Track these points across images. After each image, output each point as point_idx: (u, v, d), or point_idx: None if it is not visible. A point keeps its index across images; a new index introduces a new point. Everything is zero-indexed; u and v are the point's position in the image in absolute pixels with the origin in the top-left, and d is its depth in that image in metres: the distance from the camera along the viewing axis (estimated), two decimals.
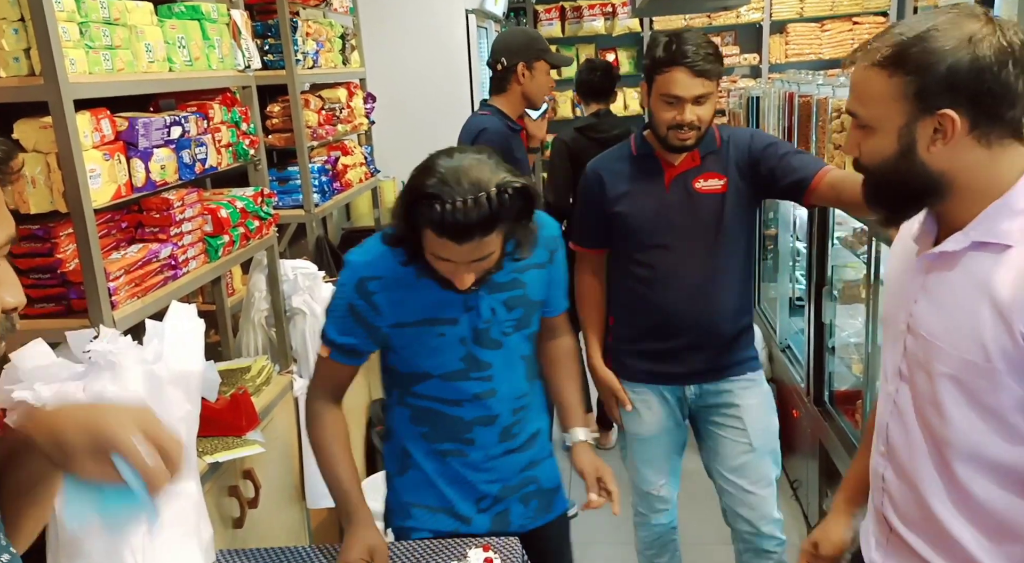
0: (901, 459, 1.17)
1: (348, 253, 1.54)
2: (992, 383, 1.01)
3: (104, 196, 1.57)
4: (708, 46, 1.88)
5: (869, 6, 5.68)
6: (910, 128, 1.02)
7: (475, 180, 1.29)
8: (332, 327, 1.53)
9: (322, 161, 2.86)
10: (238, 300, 2.62)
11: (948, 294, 1.07)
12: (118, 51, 1.63)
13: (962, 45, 0.98)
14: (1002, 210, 1.02)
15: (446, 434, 1.58)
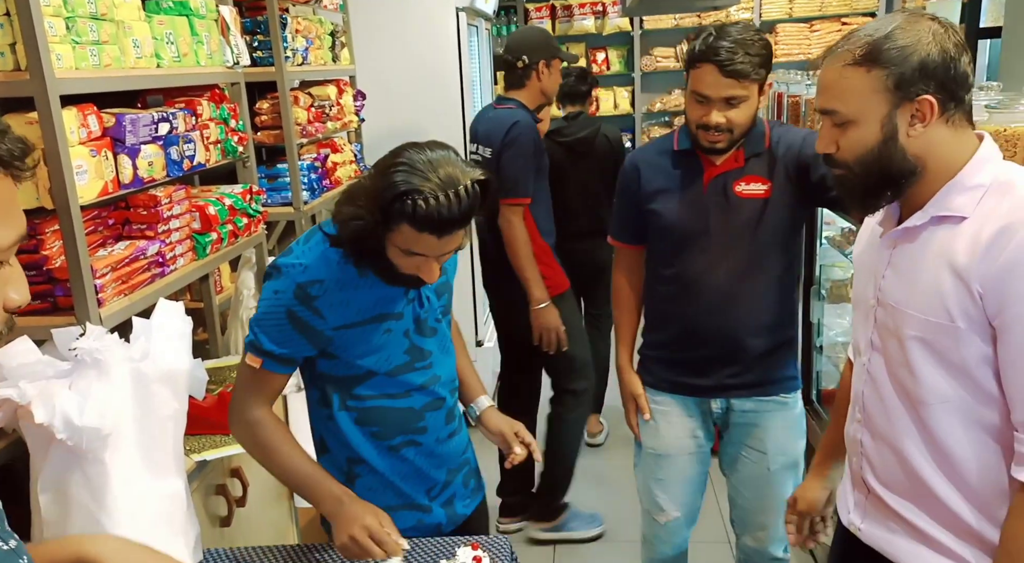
0: (878, 424, 1.28)
1: (278, 259, 1.47)
2: (956, 341, 1.14)
3: (91, 193, 1.56)
4: (752, 44, 1.73)
5: (857, 7, 5.71)
6: (891, 116, 1.15)
7: (450, 174, 1.30)
8: (265, 337, 1.44)
9: (311, 158, 2.85)
10: (226, 298, 2.61)
11: (912, 265, 1.19)
12: (105, 46, 1.62)
13: (928, 39, 1.13)
14: (955, 187, 1.15)
15: (398, 427, 1.55)
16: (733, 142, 1.80)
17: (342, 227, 1.39)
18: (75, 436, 1.34)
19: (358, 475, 1.56)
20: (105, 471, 1.39)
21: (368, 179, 1.39)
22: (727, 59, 1.70)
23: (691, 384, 1.97)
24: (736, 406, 1.97)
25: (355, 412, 1.53)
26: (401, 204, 1.29)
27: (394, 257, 1.39)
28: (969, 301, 1.11)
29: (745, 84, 1.73)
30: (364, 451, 1.55)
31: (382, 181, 1.32)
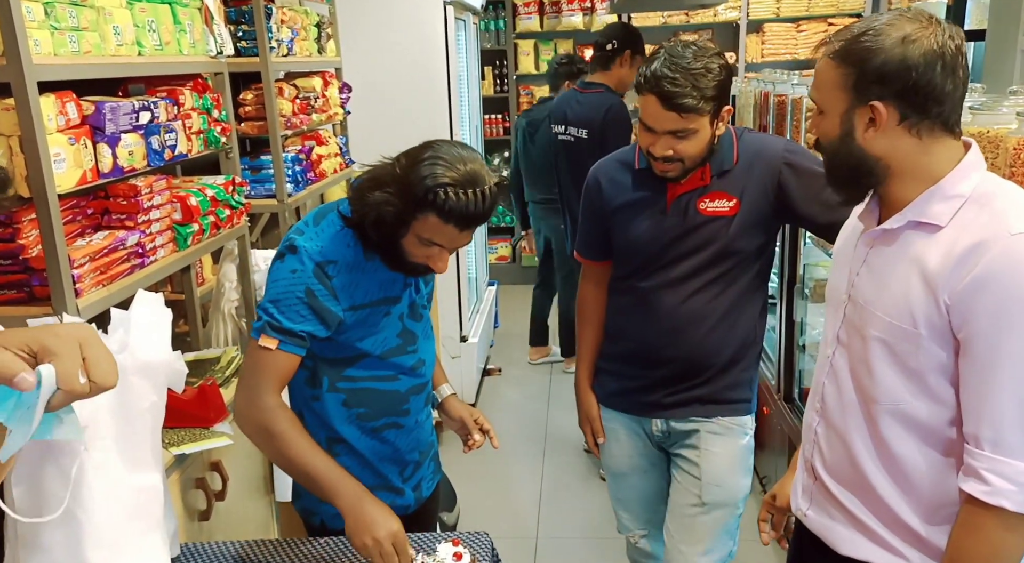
0: (833, 415, 1.30)
1: (295, 240, 1.48)
2: (916, 347, 1.15)
3: (69, 181, 1.54)
4: (702, 75, 1.60)
5: (844, 7, 5.74)
6: (849, 115, 1.16)
7: (478, 172, 1.39)
8: (283, 316, 1.45)
9: (296, 151, 2.82)
10: (208, 290, 2.58)
11: (885, 266, 1.21)
12: (85, 33, 1.59)
13: (895, 44, 1.10)
14: (935, 195, 1.15)
15: (383, 410, 1.58)
16: (687, 170, 1.71)
17: (366, 210, 1.43)
18: None
19: (337, 454, 1.57)
20: (81, 465, 1.37)
21: (397, 167, 1.43)
22: (669, 92, 1.59)
23: (635, 401, 1.91)
24: (675, 429, 1.88)
25: (343, 394, 1.55)
26: (434, 195, 1.36)
27: (409, 245, 1.44)
28: (935, 310, 1.11)
29: (689, 118, 1.62)
30: (346, 432, 1.58)
31: (415, 171, 1.38)
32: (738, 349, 1.84)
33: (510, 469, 3.56)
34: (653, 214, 1.78)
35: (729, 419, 1.86)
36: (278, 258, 1.49)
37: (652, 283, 1.81)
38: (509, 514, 3.23)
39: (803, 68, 5.26)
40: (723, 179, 1.74)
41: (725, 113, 1.70)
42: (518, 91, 6.26)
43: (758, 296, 1.86)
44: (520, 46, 6.16)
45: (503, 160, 6.46)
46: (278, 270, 1.47)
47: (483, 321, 4.41)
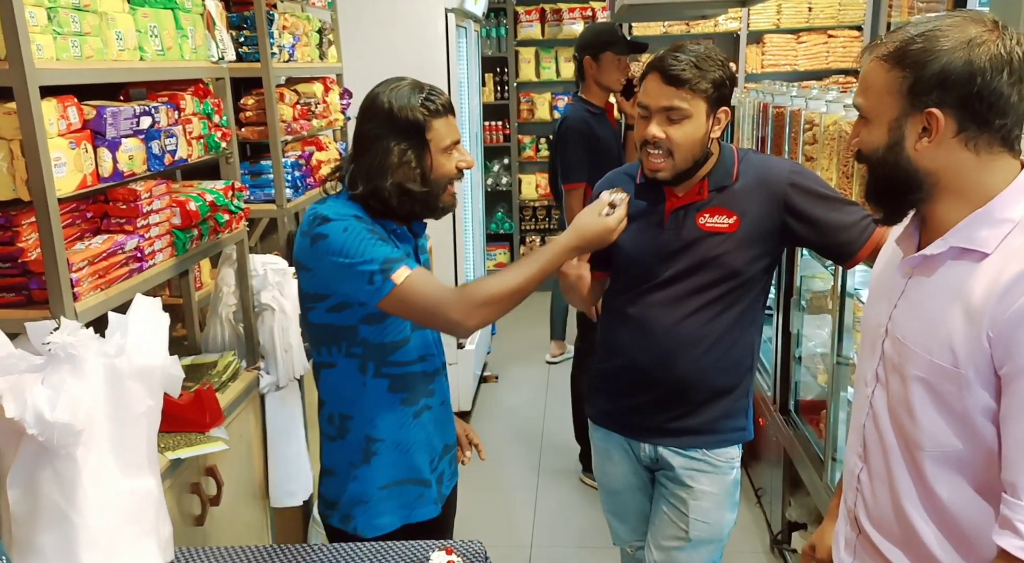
0: (875, 462, 1.19)
1: (319, 212, 1.56)
2: (958, 387, 1.03)
3: (69, 185, 1.54)
4: (705, 60, 1.62)
5: (844, 20, 5.77)
6: (900, 123, 1.06)
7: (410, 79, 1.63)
8: (380, 251, 1.49)
9: (296, 156, 2.83)
10: (206, 294, 2.59)
11: (925, 299, 1.09)
12: (87, 38, 1.60)
13: (959, 47, 1.00)
14: (983, 218, 1.04)
15: (421, 392, 1.68)
16: (677, 171, 1.67)
17: (390, 172, 1.55)
18: (46, 431, 1.32)
19: (375, 453, 1.66)
20: (76, 467, 1.37)
21: (364, 139, 1.58)
22: (669, 66, 1.62)
23: (626, 423, 1.88)
24: (664, 458, 1.84)
25: (388, 379, 1.63)
26: (423, 112, 1.54)
27: (439, 166, 1.58)
28: (978, 347, 1.01)
29: (686, 95, 1.61)
30: (386, 424, 1.65)
31: (386, 114, 1.55)
32: (733, 375, 1.80)
33: (505, 477, 3.56)
34: (650, 226, 1.76)
35: (720, 452, 1.83)
36: (319, 238, 1.52)
37: (647, 301, 1.78)
38: (503, 522, 3.23)
39: (803, 79, 5.28)
40: (722, 195, 1.72)
41: (722, 114, 1.68)
42: (518, 98, 6.28)
43: (756, 322, 1.82)
44: (521, 53, 6.18)
45: (503, 167, 6.48)
46: (333, 239, 1.51)
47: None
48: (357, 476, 1.67)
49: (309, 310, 1.64)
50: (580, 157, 3.03)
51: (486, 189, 6.13)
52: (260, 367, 2.36)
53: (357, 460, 1.66)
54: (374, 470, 1.66)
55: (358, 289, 1.51)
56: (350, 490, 1.68)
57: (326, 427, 1.71)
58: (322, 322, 1.62)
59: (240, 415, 2.20)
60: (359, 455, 1.66)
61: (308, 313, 1.65)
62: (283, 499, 2.38)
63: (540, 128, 6.35)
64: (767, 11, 5.78)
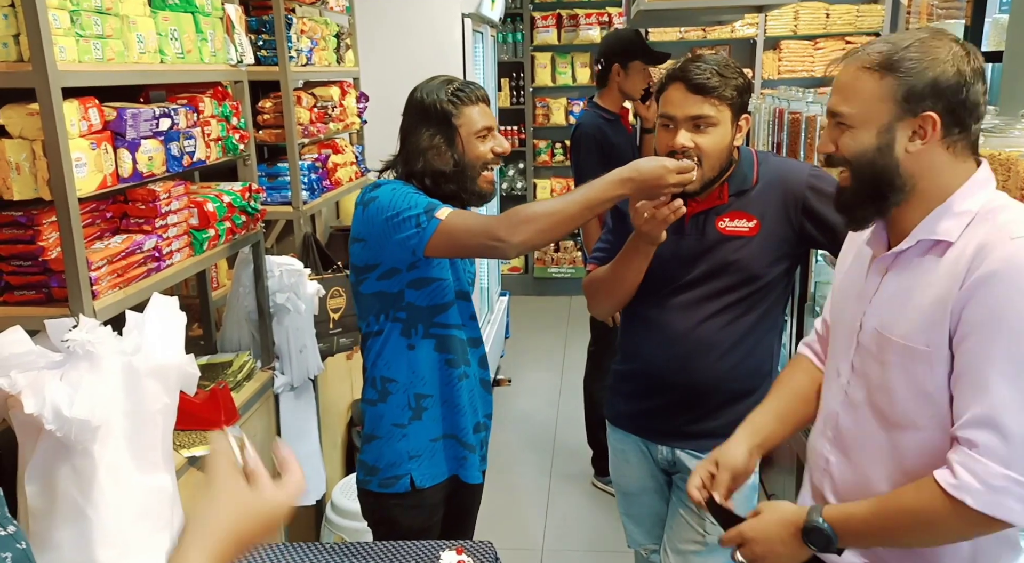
0: (850, 446, 1.27)
1: (373, 186, 1.70)
2: (929, 366, 1.13)
3: (89, 185, 1.57)
4: (727, 67, 1.64)
5: (862, 26, 5.73)
6: (891, 127, 1.14)
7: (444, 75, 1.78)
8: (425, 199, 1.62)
9: (312, 159, 2.86)
10: (223, 294, 2.61)
11: (901, 292, 1.19)
12: (109, 41, 1.63)
13: (947, 58, 1.11)
14: (944, 212, 1.15)
15: (460, 357, 1.78)
16: (705, 180, 1.66)
17: (423, 156, 1.70)
18: (64, 427, 1.34)
19: (425, 408, 1.76)
20: (93, 463, 1.39)
21: (408, 132, 1.73)
22: (694, 75, 1.61)
23: (644, 425, 1.88)
24: (681, 461, 1.83)
25: (435, 339, 1.75)
26: (448, 96, 1.69)
27: (471, 150, 1.71)
28: (943, 324, 1.11)
29: (713, 102, 1.61)
30: (432, 381, 1.76)
31: (420, 107, 1.71)
32: (751, 380, 1.79)
33: (517, 480, 3.56)
34: (670, 230, 1.72)
35: None
36: (370, 202, 1.66)
37: (666, 305, 1.77)
38: (515, 525, 3.23)
39: (820, 85, 5.25)
40: (742, 199, 1.71)
41: (743, 122, 1.69)
42: (534, 103, 6.30)
43: (775, 327, 1.81)
44: (537, 58, 6.20)
45: (518, 171, 6.49)
46: (382, 198, 1.64)
47: (494, 331, 4.42)
48: (407, 434, 1.77)
49: (361, 282, 1.75)
50: (594, 163, 3.03)
51: (502, 193, 6.14)
52: (275, 367, 2.38)
53: (404, 419, 1.76)
54: (426, 424, 1.77)
55: (406, 238, 1.60)
56: (398, 450, 1.77)
57: (369, 393, 1.81)
58: (373, 291, 1.73)
59: (255, 414, 2.22)
60: (407, 413, 1.76)
61: (360, 285, 1.76)
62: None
63: (556, 133, 6.36)
64: (784, 17, 5.76)
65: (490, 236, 1.55)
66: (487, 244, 1.56)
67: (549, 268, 6.41)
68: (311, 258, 2.76)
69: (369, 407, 1.82)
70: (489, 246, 1.57)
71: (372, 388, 1.80)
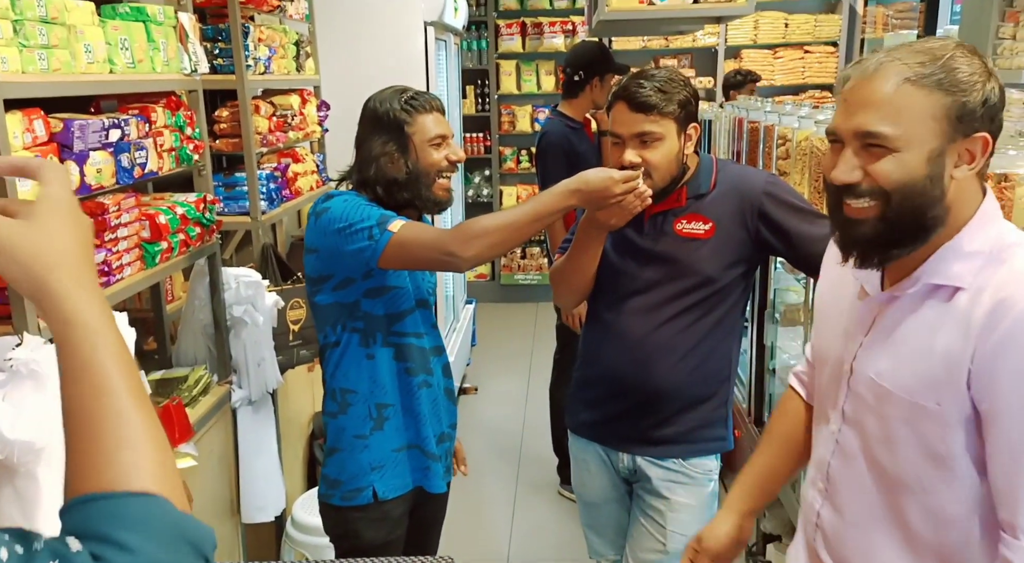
0: (844, 501, 1.16)
1: (324, 196, 1.68)
2: (941, 427, 1.01)
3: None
4: (669, 83, 1.66)
5: (820, 36, 5.84)
6: (942, 151, 0.98)
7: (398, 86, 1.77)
8: (376, 211, 1.61)
9: (271, 168, 2.82)
10: (178, 307, 2.56)
11: (900, 338, 1.06)
12: (55, 50, 1.59)
13: (988, 75, 0.98)
14: (953, 251, 1.01)
15: (420, 366, 1.77)
16: (658, 190, 1.68)
17: (375, 165, 1.68)
18: (6, 449, 1.30)
19: (386, 417, 1.75)
20: (37, 486, 1.35)
21: (362, 142, 1.72)
22: (635, 93, 1.65)
23: (605, 432, 1.88)
24: (642, 469, 1.84)
25: (393, 348, 1.73)
26: (399, 105, 1.68)
27: (425, 157, 1.69)
28: (958, 385, 0.98)
29: (656, 118, 1.65)
30: (393, 390, 1.75)
31: (373, 116, 1.70)
32: (709, 384, 1.81)
33: (483, 488, 3.54)
34: (629, 229, 1.77)
35: (697, 462, 1.82)
36: (322, 212, 1.64)
37: (624, 308, 1.80)
38: (481, 535, 3.21)
39: (780, 94, 5.34)
40: (699, 202, 1.74)
41: (692, 131, 1.71)
42: (499, 110, 6.30)
43: (733, 331, 1.83)
44: (502, 66, 6.20)
45: (484, 179, 6.49)
46: (335, 209, 1.62)
47: (460, 339, 4.40)
48: (369, 444, 1.75)
49: (316, 292, 1.73)
50: (560, 171, 3.02)
51: (467, 200, 6.13)
52: (232, 381, 2.34)
53: (365, 430, 1.75)
54: (388, 434, 1.76)
55: (359, 250, 1.59)
56: (360, 461, 1.75)
57: (329, 405, 1.79)
58: (328, 302, 1.72)
59: (211, 430, 2.17)
60: (368, 424, 1.75)
61: (315, 296, 1.74)
62: (255, 515, 2.36)
63: (521, 140, 6.37)
64: (744, 26, 5.85)
65: (442, 250, 1.56)
66: (439, 258, 1.58)
67: (515, 275, 6.41)
68: (270, 269, 2.73)
69: (331, 420, 1.80)
70: (441, 260, 1.58)
71: (332, 400, 1.78)
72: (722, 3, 2.79)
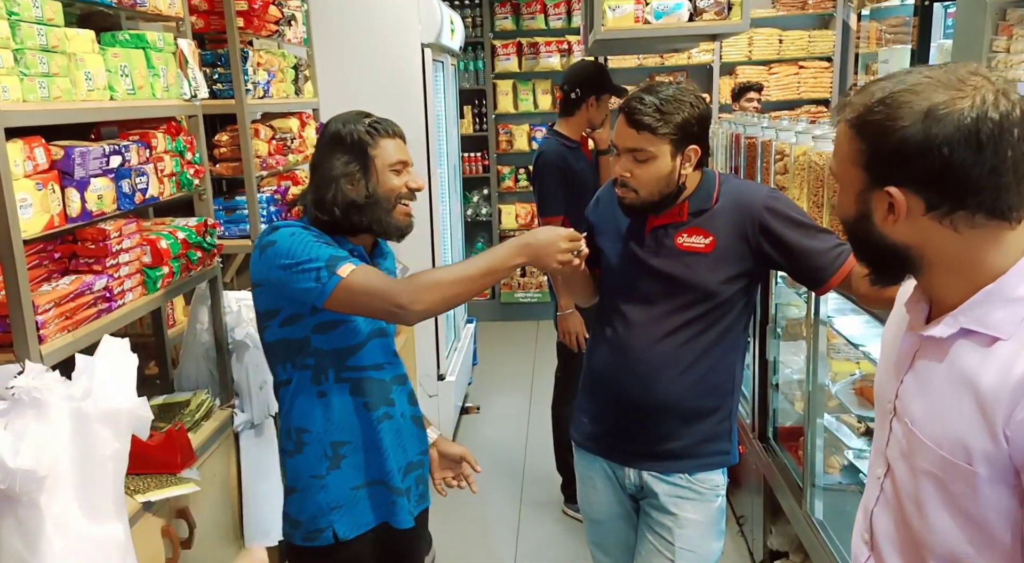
0: (884, 551, 1.09)
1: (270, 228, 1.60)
2: (972, 488, 0.92)
3: (35, 226, 1.53)
4: (672, 103, 1.66)
5: (814, 51, 5.88)
6: (865, 197, 0.94)
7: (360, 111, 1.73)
8: (324, 252, 1.53)
9: (271, 191, 2.83)
10: (179, 331, 2.56)
11: (933, 383, 0.98)
12: (55, 78, 1.60)
13: (919, 117, 0.87)
14: (993, 297, 0.92)
15: (380, 399, 1.70)
16: (644, 202, 1.72)
17: (334, 190, 1.61)
18: (8, 479, 1.29)
19: (343, 456, 1.68)
20: (39, 515, 1.34)
21: (314, 167, 1.67)
22: (633, 109, 1.67)
23: (610, 446, 1.88)
24: (648, 485, 1.84)
25: (348, 383, 1.66)
26: (367, 132, 1.64)
27: (385, 182, 1.64)
28: (991, 442, 0.89)
29: (648, 137, 1.66)
30: (350, 427, 1.68)
31: (335, 140, 1.65)
32: (712, 398, 1.80)
33: (487, 509, 3.52)
34: (632, 240, 1.80)
35: (704, 478, 1.82)
36: (268, 246, 1.57)
37: (626, 321, 1.80)
38: (485, 556, 3.19)
39: (775, 109, 5.37)
40: (701, 217, 1.75)
41: (691, 152, 1.70)
42: (497, 130, 6.33)
43: (736, 345, 1.83)
44: (499, 86, 6.24)
45: (482, 197, 6.51)
46: (281, 243, 1.55)
47: (461, 359, 4.39)
48: (326, 484, 1.68)
49: (264, 329, 1.67)
50: (557, 190, 3.07)
51: (466, 219, 6.14)
52: (234, 405, 2.33)
53: (322, 470, 1.68)
54: (345, 472, 1.68)
55: (306, 290, 1.53)
56: (319, 501, 1.68)
57: (285, 444, 1.73)
58: (276, 339, 1.66)
59: (214, 454, 2.16)
60: (324, 463, 1.68)
61: (264, 332, 1.67)
62: (258, 539, 2.33)
63: (519, 159, 6.40)
64: (739, 43, 5.89)
65: (391, 302, 1.51)
66: (387, 309, 1.52)
67: (516, 293, 6.41)
68: None
69: (288, 458, 1.72)
70: (389, 311, 1.53)
71: (288, 439, 1.71)
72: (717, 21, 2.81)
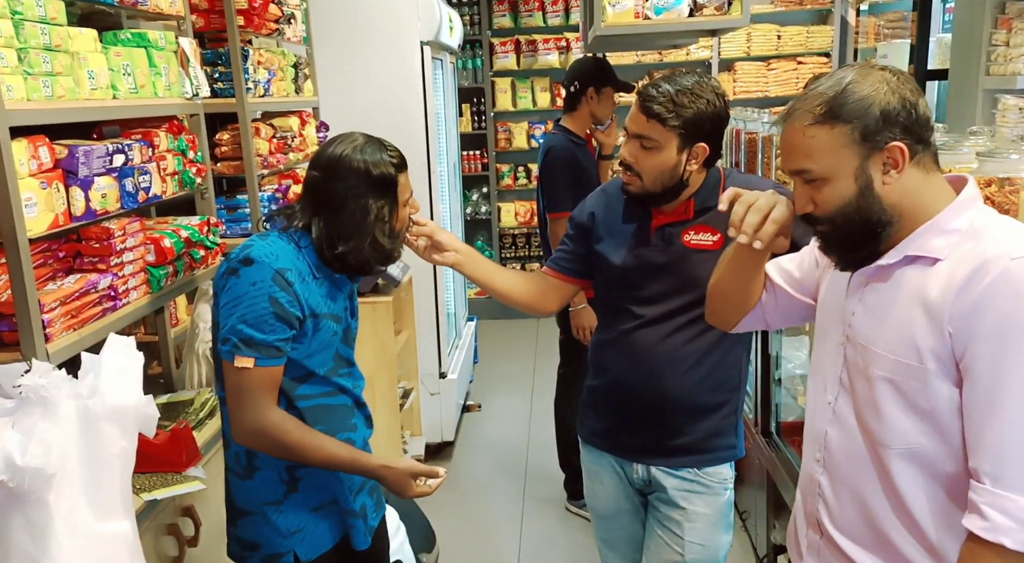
0: (840, 467, 1.25)
1: (250, 250, 1.51)
2: (923, 383, 1.11)
3: (40, 225, 1.53)
4: (686, 95, 1.65)
5: (812, 47, 5.88)
6: (864, 167, 1.14)
7: (368, 136, 1.62)
8: (255, 330, 1.46)
9: (273, 189, 2.83)
10: (182, 330, 2.56)
11: (883, 303, 1.18)
12: (59, 78, 1.60)
13: (884, 89, 1.13)
14: (932, 229, 1.14)
15: (339, 424, 1.66)
16: (646, 191, 1.72)
17: (355, 230, 1.55)
18: (16, 477, 1.29)
19: (300, 478, 1.62)
20: (48, 513, 1.34)
21: (335, 201, 1.55)
22: (647, 95, 1.67)
23: (617, 442, 1.88)
24: (656, 480, 1.84)
25: (302, 411, 1.59)
26: (388, 165, 1.56)
27: (402, 217, 1.62)
28: (939, 342, 1.09)
29: (656, 127, 1.65)
30: None
31: (356, 169, 1.54)
32: (719, 393, 1.81)
33: (490, 507, 3.53)
34: (637, 241, 1.79)
35: (712, 472, 1.83)
36: (231, 274, 1.49)
37: (633, 319, 1.80)
38: (489, 553, 3.19)
39: (774, 105, 5.37)
40: (707, 215, 1.75)
41: (699, 150, 1.70)
42: (495, 128, 6.33)
43: (741, 341, 1.83)
44: (497, 84, 6.24)
45: (481, 195, 6.51)
46: (236, 286, 1.48)
47: (462, 357, 4.39)
48: (284, 509, 1.62)
49: (214, 339, 1.58)
50: (567, 187, 3.03)
51: (466, 218, 6.14)
52: None
53: (278, 495, 1.61)
54: (305, 494, 1.63)
55: (220, 335, 1.51)
56: (277, 526, 1.62)
57: (232, 464, 1.65)
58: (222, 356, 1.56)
59: (219, 453, 2.16)
60: (280, 488, 1.61)
61: (213, 343, 1.59)
62: None
63: (518, 156, 6.40)
64: (737, 39, 5.88)
65: (236, 413, 1.50)
66: (231, 414, 1.52)
67: None
68: None
69: (236, 480, 1.64)
70: (231, 416, 1.53)
71: (237, 463, 1.63)
72: (718, 16, 2.81)
